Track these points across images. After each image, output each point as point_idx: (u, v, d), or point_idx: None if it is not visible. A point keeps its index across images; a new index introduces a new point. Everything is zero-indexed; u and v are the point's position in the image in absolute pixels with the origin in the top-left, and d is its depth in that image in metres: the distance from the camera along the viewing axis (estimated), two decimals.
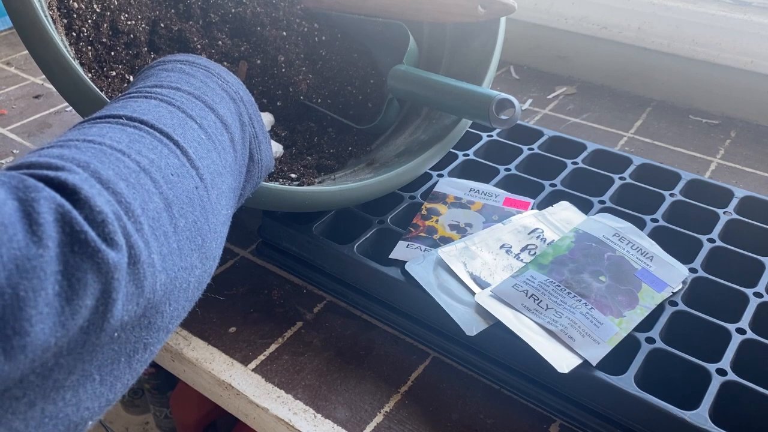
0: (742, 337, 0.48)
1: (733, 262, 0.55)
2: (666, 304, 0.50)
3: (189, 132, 0.37)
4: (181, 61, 0.45)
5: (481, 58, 0.65)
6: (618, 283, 0.50)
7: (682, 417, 0.42)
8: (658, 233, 0.58)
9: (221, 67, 0.46)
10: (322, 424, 0.49)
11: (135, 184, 0.31)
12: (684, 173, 0.65)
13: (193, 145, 0.37)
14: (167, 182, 0.33)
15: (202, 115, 0.39)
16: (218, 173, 0.38)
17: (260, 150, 0.45)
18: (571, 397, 0.47)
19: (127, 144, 0.33)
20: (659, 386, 0.45)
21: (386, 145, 0.68)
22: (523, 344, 0.46)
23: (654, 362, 0.47)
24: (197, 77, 0.43)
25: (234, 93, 0.44)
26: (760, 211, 0.60)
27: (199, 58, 0.46)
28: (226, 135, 0.40)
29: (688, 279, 0.53)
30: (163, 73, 0.43)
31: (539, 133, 0.72)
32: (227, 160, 0.40)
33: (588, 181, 0.65)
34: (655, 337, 0.48)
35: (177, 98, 0.39)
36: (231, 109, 0.42)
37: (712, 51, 0.84)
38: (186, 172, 0.35)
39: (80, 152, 0.31)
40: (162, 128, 0.36)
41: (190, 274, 0.33)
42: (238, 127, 0.42)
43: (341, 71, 0.70)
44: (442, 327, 0.52)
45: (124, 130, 0.34)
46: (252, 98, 0.46)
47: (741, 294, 0.52)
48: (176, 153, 0.35)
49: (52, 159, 0.29)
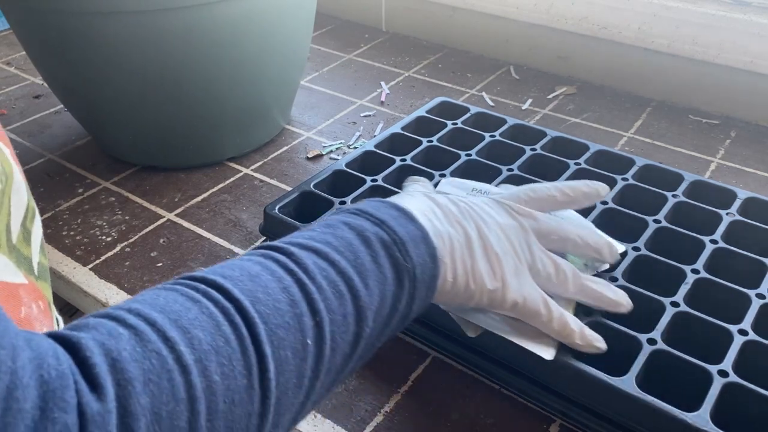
0: (744, 338, 0.48)
1: (737, 263, 0.55)
2: (668, 305, 0.50)
3: (291, 336, 0.32)
4: (373, 219, 0.39)
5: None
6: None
7: (682, 418, 0.42)
8: (660, 234, 0.58)
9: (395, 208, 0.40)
10: (322, 424, 0.49)
11: (164, 418, 0.27)
12: (687, 174, 0.65)
13: (283, 357, 0.31)
14: (211, 414, 0.28)
15: (332, 308, 0.34)
16: (298, 387, 0.32)
17: (400, 328, 0.40)
18: (572, 397, 0.47)
19: (204, 352, 0.29)
20: (660, 388, 0.45)
21: None
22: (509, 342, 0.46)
23: (656, 363, 0.47)
24: (372, 246, 0.37)
25: (407, 270, 0.38)
26: (763, 213, 0.60)
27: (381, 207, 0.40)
28: (352, 329, 0.35)
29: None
30: (340, 230, 0.38)
31: (542, 133, 0.72)
32: (332, 363, 0.34)
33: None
34: (657, 338, 0.47)
35: (317, 281, 0.34)
36: (386, 296, 0.37)
37: (712, 51, 0.84)
38: (247, 398, 0.30)
39: (135, 360, 0.27)
40: (258, 334, 0.31)
41: None
42: (384, 313, 0.37)
43: None
44: (443, 327, 0.52)
45: (219, 329, 0.30)
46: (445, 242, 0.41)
47: (743, 295, 0.51)
48: (252, 371, 0.30)
49: (95, 353, 0.26)
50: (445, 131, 0.73)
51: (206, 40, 0.66)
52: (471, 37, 1.04)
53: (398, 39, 1.10)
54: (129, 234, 0.68)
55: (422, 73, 0.99)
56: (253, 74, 0.72)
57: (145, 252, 0.65)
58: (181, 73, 0.67)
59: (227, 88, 0.71)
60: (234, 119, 0.75)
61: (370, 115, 0.88)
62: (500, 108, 0.88)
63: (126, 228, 0.69)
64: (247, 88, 0.73)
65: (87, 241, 0.67)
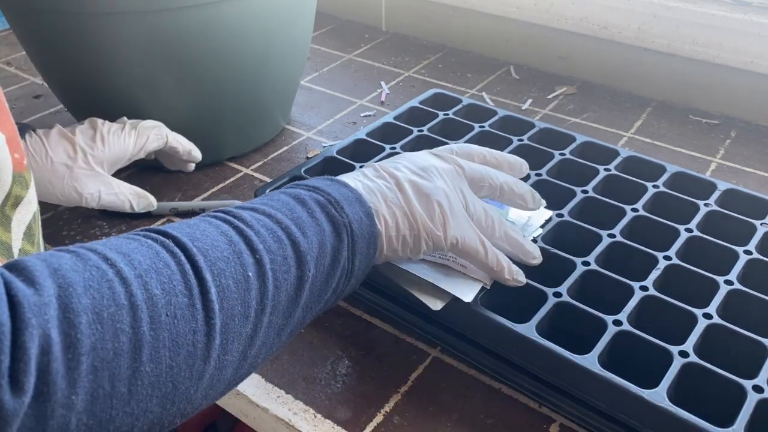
0: (708, 321, 0.48)
1: (710, 251, 0.56)
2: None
3: (231, 267, 0.35)
4: (308, 187, 0.43)
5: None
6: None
7: (640, 395, 0.43)
8: (637, 223, 0.58)
9: (348, 191, 0.43)
10: (322, 424, 0.49)
11: (106, 319, 0.29)
12: (669, 165, 0.65)
13: (224, 284, 0.34)
14: (154, 323, 0.31)
15: (271, 249, 0.37)
16: (244, 317, 0.35)
17: (348, 285, 0.43)
18: (543, 377, 0.48)
19: (144, 270, 0.32)
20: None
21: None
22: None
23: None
24: (307, 205, 0.41)
25: (344, 224, 0.41)
26: (741, 204, 0.61)
27: (333, 185, 0.44)
28: (293, 272, 0.38)
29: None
30: (277, 194, 0.42)
31: (530, 125, 0.72)
32: (277, 300, 0.37)
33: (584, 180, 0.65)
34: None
35: (255, 227, 0.37)
36: (325, 245, 0.40)
37: (712, 51, 0.84)
38: (190, 314, 0.32)
39: (75, 270, 0.30)
40: (197, 262, 0.33)
41: (138, 419, 0.31)
42: (326, 262, 0.40)
43: None
44: (439, 317, 0.52)
45: (158, 256, 0.33)
46: (375, 230, 0.43)
47: (712, 281, 0.51)
48: (193, 291, 0.33)
49: (37, 264, 0.29)
50: (436, 121, 0.73)
51: (206, 40, 0.66)
52: (471, 37, 1.04)
53: (398, 39, 1.10)
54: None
55: (422, 73, 0.99)
56: (253, 74, 0.72)
57: None
58: (180, 74, 0.67)
59: (227, 88, 0.71)
60: (234, 119, 0.75)
61: (370, 115, 0.88)
62: (500, 108, 0.88)
63: (126, 228, 0.69)
64: (247, 88, 0.73)
65: (87, 241, 0.67)
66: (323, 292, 0.40)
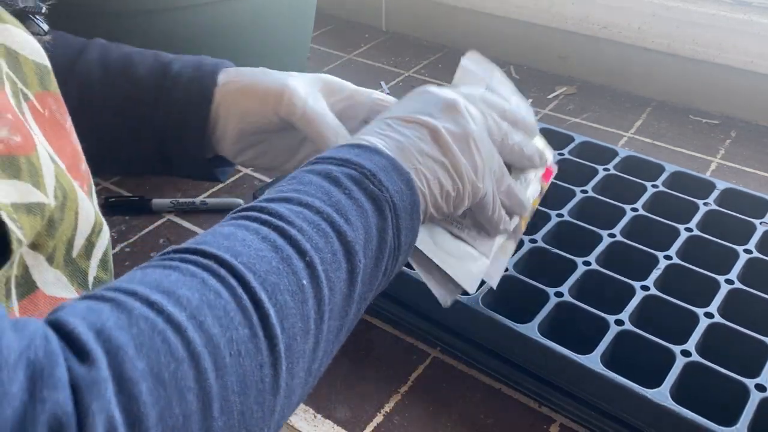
0: (709, 321, 0.48)
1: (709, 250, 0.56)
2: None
3: (284, 279, 0.30)
4: (336, 160, 0.37)
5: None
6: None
7: (643, 395, 0.43)
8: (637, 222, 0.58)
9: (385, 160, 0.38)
10: (322, 424, 0.49)
11: (168, 380, 0.25)
12: (667, 165, 0.65)
13: (281, 301, 0.30)
14: (218, 369, 0.27)
15: (318, 247, 0.32)
16: (305, 332, 0.31)
17: (396, 265, 0.39)
18: (543, 376, 0.48)
19: (195, 308, 0.27)
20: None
21: None
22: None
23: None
24: (342, 184, 0.36)
25: (386, 200, 0.36)
26: (740, 203, 0.61)
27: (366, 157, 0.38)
28: (344, 266, 0.34)
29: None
30: (305, 176, 0.36)
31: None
32: (333, 303, 0.33)
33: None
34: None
35: (296, 224, 0.33)
36: (371, 228, 0.35)
37: (712, 51, 0.84)
38: (254, 348, 0.28)
39: (120, 328, 0.25)
40: (248, 282, 0.29)
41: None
42: (373, 247, 0.36)
43: None
44: (439, 317, 0.52)
45: (206, 284, 0.28)
46: (416, 199, 0.38)
47: (712, 281, 0.51)
48: (252, 320, 0.28)
49: (79, 326, 0.25)
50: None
51: (206, 40, 0.66)
52: (471, 37, 1.04)
53: (398, 39, 1.10)
54: (129, 234, 0.68)
55: (422, 73, 0.99)
56: None
57: (145, 252, 0.65)
58: None
59: None
60: None
61: None
62: None
63: (126, 228, 0.68)
64: None
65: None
66: (374, 278, 0.36)
